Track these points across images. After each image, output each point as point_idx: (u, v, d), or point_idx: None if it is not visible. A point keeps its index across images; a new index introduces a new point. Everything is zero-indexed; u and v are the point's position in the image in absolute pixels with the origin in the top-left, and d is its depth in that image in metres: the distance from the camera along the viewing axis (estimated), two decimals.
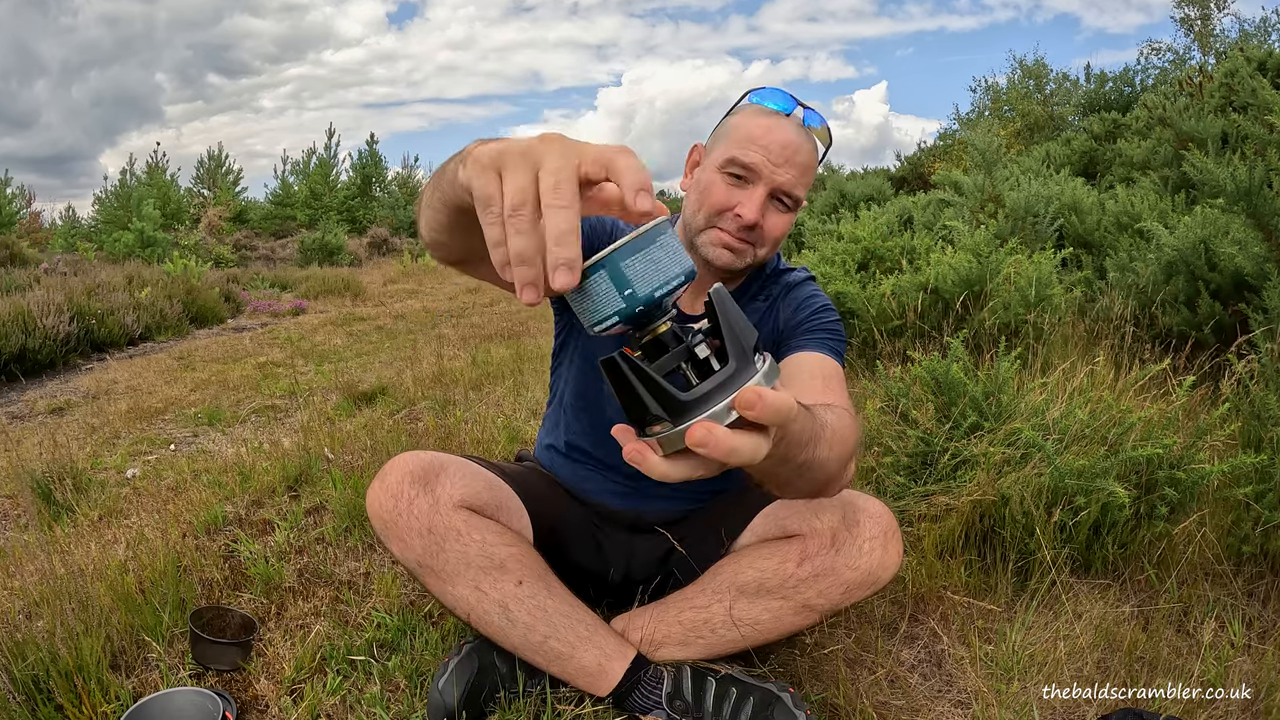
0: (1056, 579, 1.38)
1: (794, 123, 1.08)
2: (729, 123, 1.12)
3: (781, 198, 1.08)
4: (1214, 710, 1.10)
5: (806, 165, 1.08)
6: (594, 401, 1.22)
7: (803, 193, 1.09)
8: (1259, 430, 1.57)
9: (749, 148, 1.06)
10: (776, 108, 1.09)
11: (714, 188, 1.08)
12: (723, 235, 1.09)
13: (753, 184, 1.06)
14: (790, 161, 1.06)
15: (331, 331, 5.91)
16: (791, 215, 1.10)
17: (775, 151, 1.05)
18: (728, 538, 1.18)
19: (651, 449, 0.53)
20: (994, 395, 1.70)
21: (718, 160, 1.08)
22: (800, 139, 1.07)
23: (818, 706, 1.15)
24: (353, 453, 2.28)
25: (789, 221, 1.10)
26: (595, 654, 1.07)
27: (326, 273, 10.21)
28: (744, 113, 1.11)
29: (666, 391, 0.51)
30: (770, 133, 1.06)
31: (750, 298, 1.21)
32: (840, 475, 0.86)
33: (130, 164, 20.17)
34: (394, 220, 20.58)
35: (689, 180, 1.15)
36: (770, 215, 1.08)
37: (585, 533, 1.26)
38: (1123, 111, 8.23)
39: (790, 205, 1.09)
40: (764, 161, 1.05)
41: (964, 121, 15.00)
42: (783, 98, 1.10)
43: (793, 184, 1.07)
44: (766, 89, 1.11)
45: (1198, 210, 2.81)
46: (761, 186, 1.06)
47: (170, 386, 3.90)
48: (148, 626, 1.32)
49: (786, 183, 1.06)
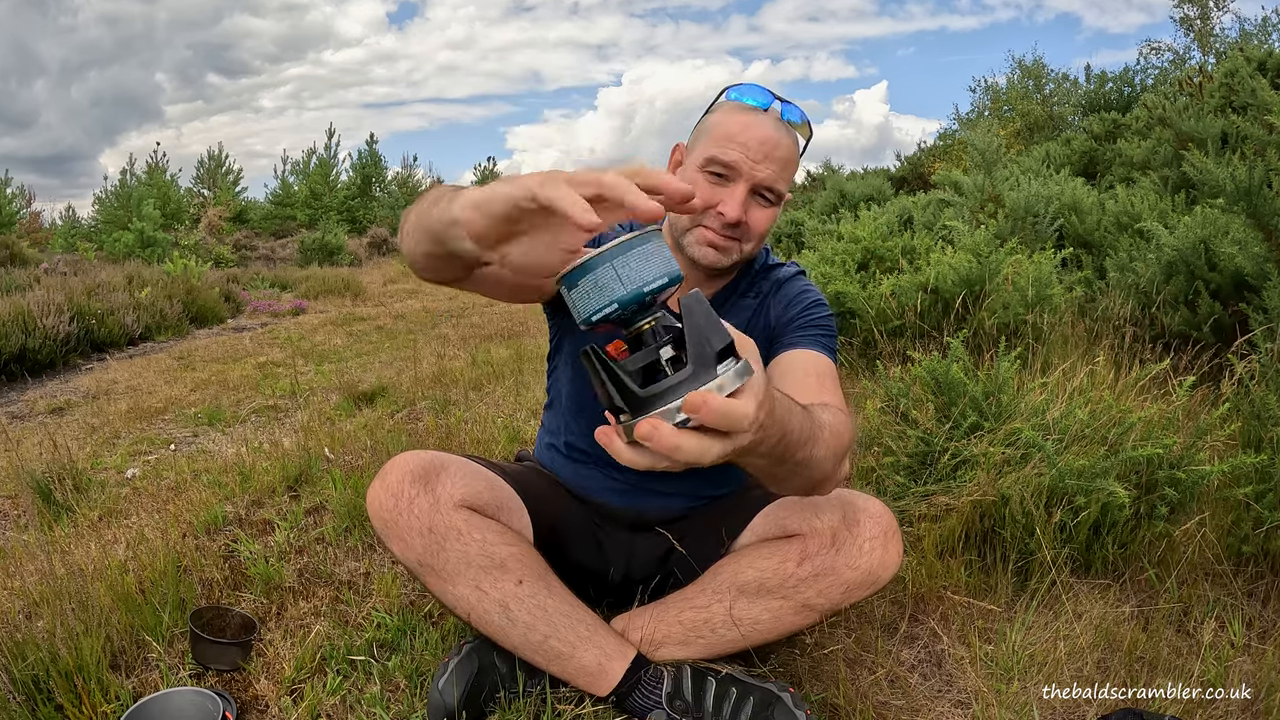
0: (1056, 579, 1.38)
1: (772, 118, 1.08)
2: (707, 121, 1.12)
3: (763, 193, 1.08)
4: (1214, 710, 1.10)
5: (786, 160, 1.07)
6: (590, 402, 1.22)
7: (784, 186, 1.09)
8: (1259, 430, 1.58)
9: (728, 146, 1.05)
10: (754, 104, 1.09)
11: (696, 187, 1.07)
12: (707, 234, 1.09)
13: (734, 181, 1.06)
14: (770, 157, 1.06)
15: (331, 331, 5.91)
16: (775, 209, 1.10)
17: (754, 148, 1.05)
18: (728, 537, 1.18)
19: (618, 435, 0.57)
20: (994, 395, 1.70)
21: (698, 159, 1.08)
22: (779, 134, 1.07)
23: (818, 706, 1.15)
24: (353, 453, 2.28)
25: (772, 216, 1.10)
26: (595, 654, 1.07)
27: (326, 273, 10.21)
28: (722, 110, 1.11)
29: (626, 386, 0.57)
30: (748, 129, 1.06)
31: (740, 294, 1.21)
32: (835, 474, 0.88)
33: (130, 164, 20.16)
34: (394, 220, 20.55)
35: None
36: (753, 211, 1.08)
37: (586, 532, 1.26)
38: (1123, 111, 8.23)
39: (773, 200, 1.09)
40: (743, 158, 1.05)
41: (964, 122, 14.99)
42: (760, 93, 1.10)
43: (773, 179, 1.06)
44: (744, 85, 1.11)
45: (1198, 210, 2.81)
46: (742, 183, 1.06)
47: (170, 386, 3.90)
48: (148, 626, 1.32)
49: (767, 178, 1.06)
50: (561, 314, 1.24)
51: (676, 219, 1.12)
